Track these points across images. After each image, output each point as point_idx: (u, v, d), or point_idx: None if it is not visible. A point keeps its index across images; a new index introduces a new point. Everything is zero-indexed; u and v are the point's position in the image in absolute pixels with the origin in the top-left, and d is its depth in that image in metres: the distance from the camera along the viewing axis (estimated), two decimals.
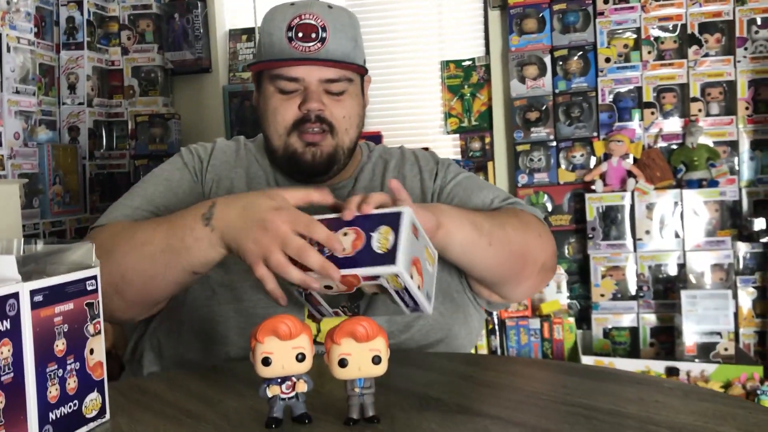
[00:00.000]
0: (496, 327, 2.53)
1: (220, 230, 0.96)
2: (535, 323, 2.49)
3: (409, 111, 2.98)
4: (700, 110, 2.58)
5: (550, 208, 2.70)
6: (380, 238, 0.88)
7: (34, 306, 0.69)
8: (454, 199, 1.24)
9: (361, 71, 1.22)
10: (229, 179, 1.23)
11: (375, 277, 0.87)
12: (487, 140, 2.85)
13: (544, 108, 2.69)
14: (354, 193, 1.25)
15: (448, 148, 2.92)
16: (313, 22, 1.15)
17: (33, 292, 0.69)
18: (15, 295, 0.67)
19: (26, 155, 2.33)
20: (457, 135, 2.89)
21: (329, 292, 0.92)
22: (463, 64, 2.87)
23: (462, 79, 2.87)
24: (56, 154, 2.47)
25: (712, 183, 2.52)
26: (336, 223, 0.91)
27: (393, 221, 0.89)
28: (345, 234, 0.90)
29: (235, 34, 3.06)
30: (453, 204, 1.21)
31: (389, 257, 0.86)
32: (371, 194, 0.94)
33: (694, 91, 2.58)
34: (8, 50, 2.25)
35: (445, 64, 2.89)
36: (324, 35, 1.15)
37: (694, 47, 2.58)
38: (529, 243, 1.13)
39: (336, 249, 0.88)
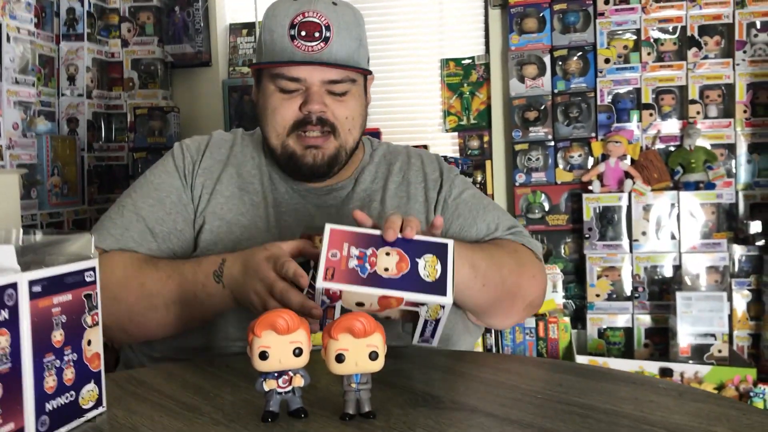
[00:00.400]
0: None
1: (230, 287, 1.00)
2: (530, 322, 2.49)
3: (408, 108, 2.98)
4: (698, 112, 2.59)
5: (547, 207, 2.71)
6: (427, 266, 0.89)
7: (33, 296, 0.69)
8: (459, 217, 1.23)
9: (365, 72, 1.19)
10: (216, 181, 1.20)
11: (417, 304, 0.88)
12: (486, 139, 2.85)
13: (542, 108, 2.69)
14: (354, 194, 1.24)
15: (447, 146, 2.92)
16: (316, 20, 1.11)
17: (32, 283, 0.69)
18: (13, 285, 0.67)
19: (25, 146, 2.33)
20: (456, 133, 2.89)
21: (359, 309, 0.92)
22: (463, 62, 2.87)
23: (461, 78, 2.87)
24: (55, 145, 2.47)
25: (709, 185, 2.53)
26: (376, 240, 0.91)
27: (439, 252, 0.91)
28: (387, 254, 0.89)
29: (235, 28, 3.06)
30: (458, 222, 1.22)
31: (439, 288, 0.88)
32: (412, 219, 0.93)
33: (693, 93, 2.59)
34: (8, 40, 2.24)
35: (445, 62, 2.89)
36: (328, 34, 1.12)
37: (694, 49, 2.59)
38: (522, 285, 1.15)
39: (310, 308, 0.89)
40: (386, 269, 0.88)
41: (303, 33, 1.11)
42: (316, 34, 1.11)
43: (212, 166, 1.23)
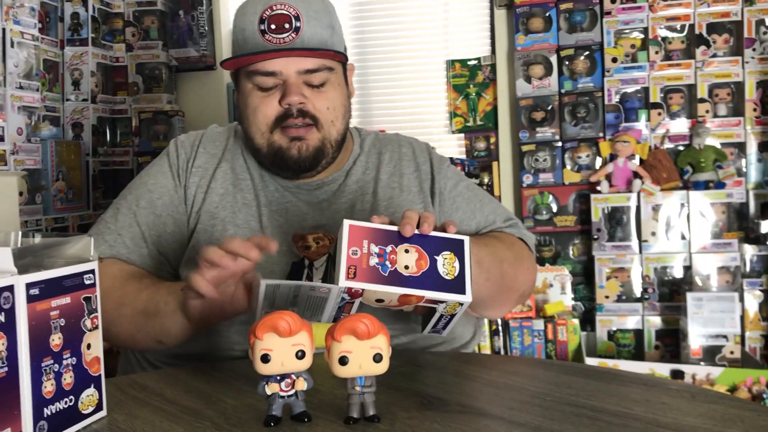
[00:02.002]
0: (500, 328, 2.52)
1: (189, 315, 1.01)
2: (539, 324, 2.47)
3: (414, 110, 2.96)
4: (707, 111, 2.56)
5: (555, 208, 2.69)
6: (446, 264, 0.91)
7: (30, 299, 0.68)
8: (458, 210, 1.24)
9: (341, 59, 1.18)
10: (211, 179, 1.20)
11: (437, 301, 0.90)
12: (493, 140, 2.83)
13: (549, 108, 2.68)
14: (345, 187, 1.23)
15: (453, 147, 2.90)
16: (285, 11, 1.11)
17: (29, 285, 0.68)
18: (10, 288, 0.66)
19: (29, 151, 2.32)
20: (462, 135, 2.88)
21: (378, 305, 0.93)
22: (469, 63, 2.86)
23: (467, 79, 2.86)
24: (60, 150, 2.47)
25: (719, 185, 2.50)
26: (394, 237, 0.91)
27: (456, 248, 0.92)
28: (407, 251, 0.90)
29: None
30: (458, 215, 1.23)
31: (458, 286, 0.89)
32: (429, 215, 0.93)
33: (702, 91, 2.56)
34: (12, 45, 2.24)
35: (451, 63, 2.87)
36: (298, 24, 1.11)
37: (702, 48, 2.57)
38: (519, 277, 1.17)
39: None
40: (406, 267, 0.89)
41: (273, 26, 1.11)
42: (286, 26, 1.11)
43: (207, 162, 1.23)
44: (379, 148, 1.29)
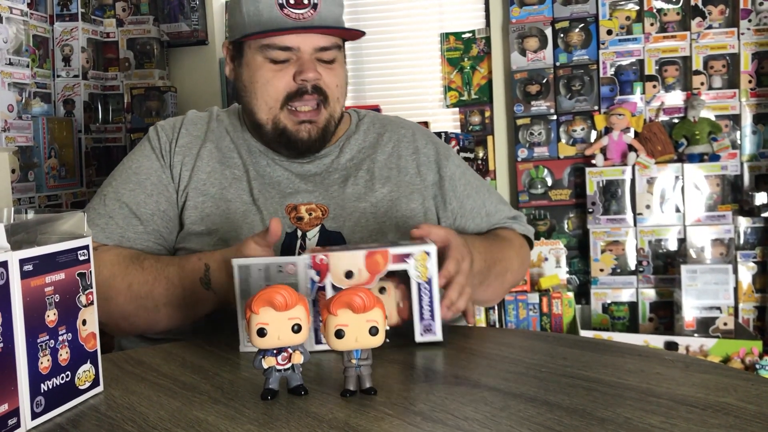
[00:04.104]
0: None
1: (221, 293, 1.02)
2: (534, 298, 2.48)
3: (408, 84, 2.95)
4: (702, 83, 2.55)
5: (550, 182, 2.69)
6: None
7: (24, 275, 0.68)
8: (469, 198, 1.27)
9: (356, 35, 1.17)
10: (196, 157, 1.20)
11: (404, 257, 0.89)
12: (487, 114, 2.82)
13: (544, 81, 2.66)
14: (338, 164, 1.23)
15: (448, 121, 2.89)
16: None
17: (23, 261, 0.68)
18: (4, 264, 0.65)
19: (21, 128, 2.30)
20: (457, 108, 2.86)
21: (348, 283, 0.91)
22: (463, 36, 2.83)
23: (462, 52, 2.83)
24: (51, 127, 2.45)
25: (714, 157, 2.50)
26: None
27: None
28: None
29: None
30: (469, 202, 1.27)
31: (420, 243, 0.92)
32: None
33: (697, 64, 2.55)
34: (0, 21, 2.21)
35: (445, 37, 2.85)
36: (316, 1, 1.11)
37: (698, 19, 2.55)
38: (516, 276, 1.26)
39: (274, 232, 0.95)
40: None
41: (292, 1, 1.10)
42: (305, 1, 1.11)
43: (190, 143, 1.22)
44: (378, 129, 1.30)
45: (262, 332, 0.71)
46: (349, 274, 0.89)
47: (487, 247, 1.15)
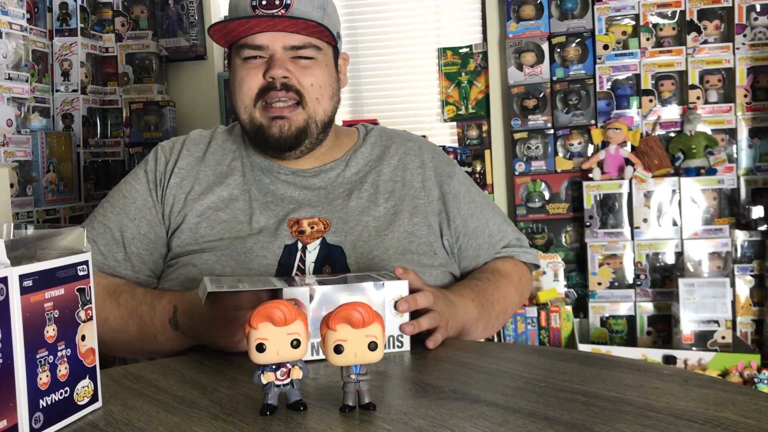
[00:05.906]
0: None
1: (188, 335, 1.04)
2: (532, 311, 2.48)
3: (405, 98, 2.96)
4: (698, 98, 2.57)
5: (547, 196, 2.69)
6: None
7: (24, 291, 0.68)
8: (473, 217, 1.27)
9: (329, 39, 1.18)
10: (194, 179, 1.22)
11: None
12: (485, 128, 2.83)
13: (541, 95, 2.67)
14: (344, 178, 1.23)
15: (445, 136, 2.90)
16: None
17: (22, 277, 0.68)
18: (3, 280, 0.65)
19: (19, 143, 2.31)
20: (454, 123, 2.87)
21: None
22: (461, 51, 2.85)
23: (459, 67, 2.85)
24: (50, 141, 2.45)
25: (710, 171, 2.51)
26: None
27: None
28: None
29: None
30: (473, 221, 1.27)
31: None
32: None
33: (693, 78, 2.57)
34: (0, 36, 2.22)
35: (442, 51, 2.86)
36: (288, 1, 1.13)
37: (693, 34, 2.57)
38: (517, 308, 1.31)
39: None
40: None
41: (264, 2, 1.13)
42: (277, 2, 1.13)
43: (190, 164, 1.24)
44: (385, 141, 1.30)
45: (261, 347, 0.71)
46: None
47: (478, 293, 1.17)
